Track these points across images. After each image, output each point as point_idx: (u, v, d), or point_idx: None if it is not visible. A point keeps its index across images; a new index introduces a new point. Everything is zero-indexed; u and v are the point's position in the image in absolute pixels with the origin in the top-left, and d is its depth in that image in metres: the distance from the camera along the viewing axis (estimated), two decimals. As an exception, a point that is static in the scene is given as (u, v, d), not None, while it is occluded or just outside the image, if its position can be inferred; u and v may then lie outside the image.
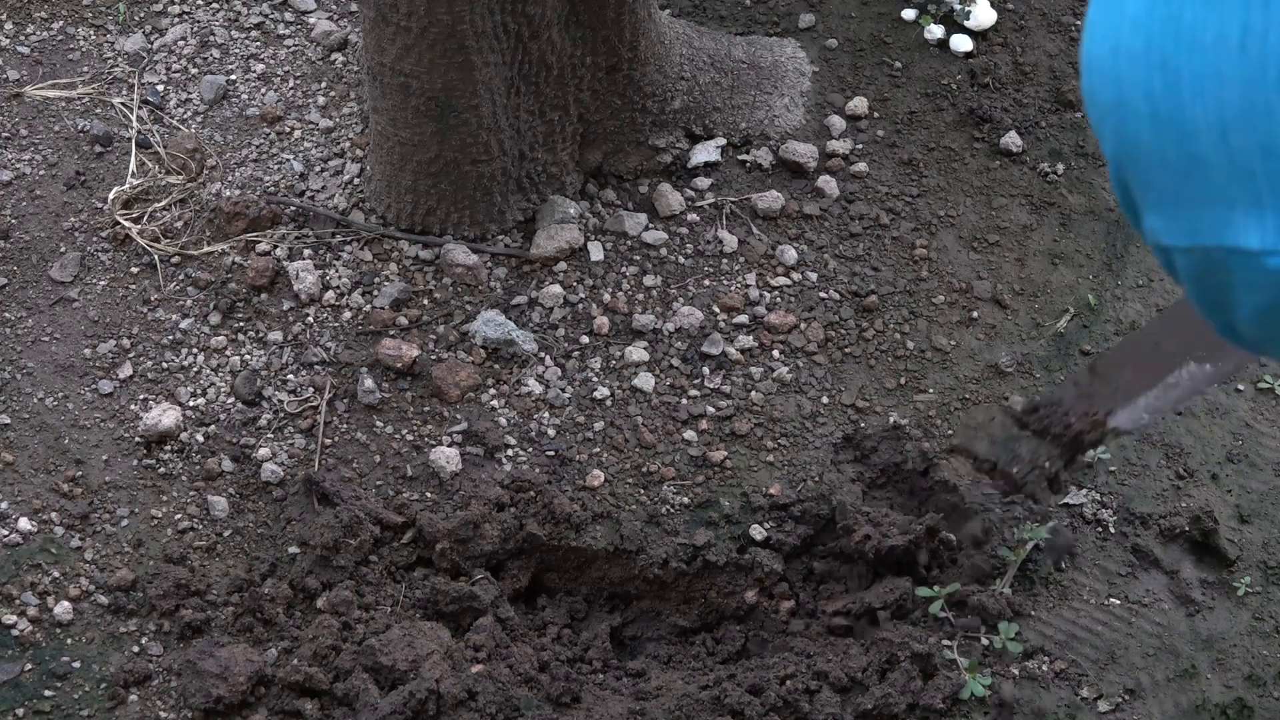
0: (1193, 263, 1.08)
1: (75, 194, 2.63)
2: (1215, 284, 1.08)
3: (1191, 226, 1.06)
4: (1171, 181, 1.06)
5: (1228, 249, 1.05)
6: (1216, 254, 1.06)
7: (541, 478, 2.35)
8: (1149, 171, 1.07)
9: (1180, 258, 1.09)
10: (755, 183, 2.66)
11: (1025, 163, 2.72)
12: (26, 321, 2.50)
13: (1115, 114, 1.08)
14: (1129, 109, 1.06)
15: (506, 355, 2.47)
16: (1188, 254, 1.08)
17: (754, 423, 2.43)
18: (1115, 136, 1.09)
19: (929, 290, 2.58)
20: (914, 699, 2.17)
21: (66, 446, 2.37)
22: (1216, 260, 1.06)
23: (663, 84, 2.62)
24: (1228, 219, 1.04)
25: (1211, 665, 2.25)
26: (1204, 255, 1.07)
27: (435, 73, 2.37)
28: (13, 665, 2.19)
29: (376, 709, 2.13)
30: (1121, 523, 2.36)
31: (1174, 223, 1.07)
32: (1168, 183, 1.06)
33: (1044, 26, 2.86)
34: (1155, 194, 1.08)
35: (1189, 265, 1.09)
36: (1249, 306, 1.07)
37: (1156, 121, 1.05)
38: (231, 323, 2.50)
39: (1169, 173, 1.06)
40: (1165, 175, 1.06)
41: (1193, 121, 1.03)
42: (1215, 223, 1.05)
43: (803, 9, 2.87)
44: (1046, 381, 2.49)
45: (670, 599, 2.37)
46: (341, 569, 2.28)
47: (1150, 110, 1.05)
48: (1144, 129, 1.06)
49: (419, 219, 2.55)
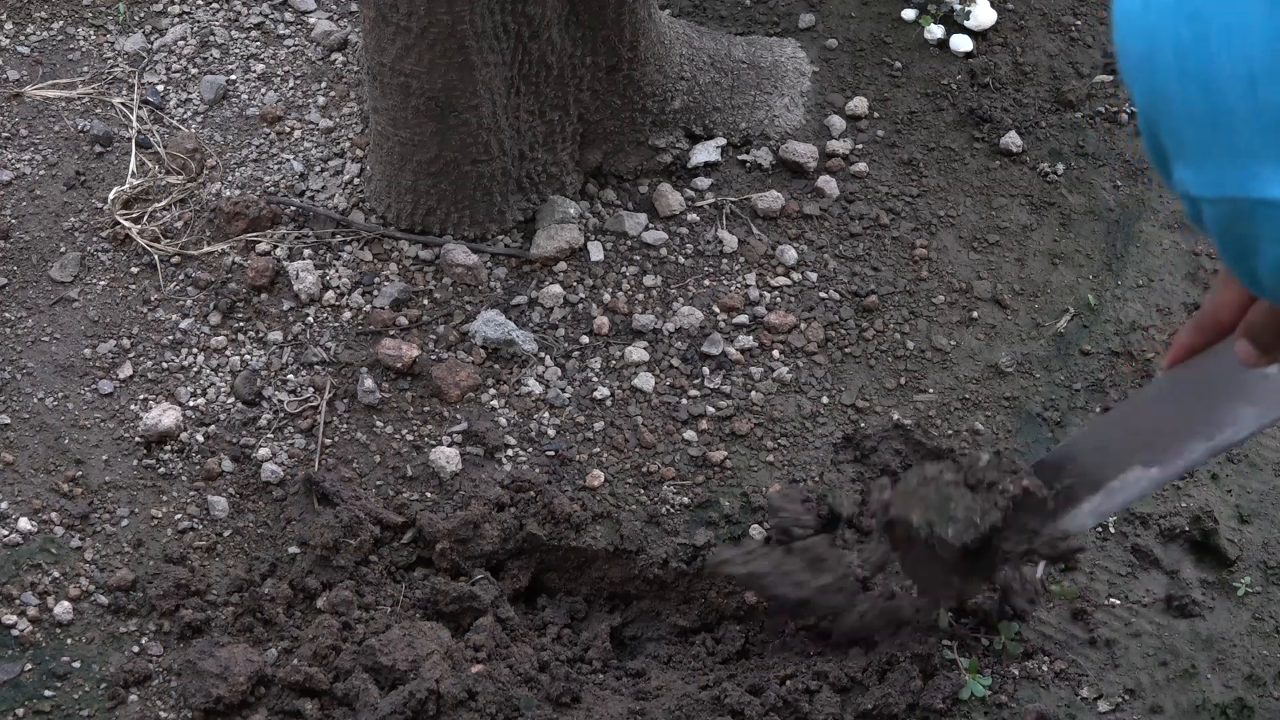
0: (1220, 214, 1.10)
1: (75, 194, 2.63)
2: (1241, 235, 1.10)
3: (1219, 178, 1.08)
4: (1199, 134, 1.08)
5: (1254, 200, 1.07)
6: (1243, 205, 1.07)
7: (541, 478, 2.35)
8: (1177, 124, 1.09)
9: (1208, 209, 1.11)
10: (755, 183, 2.66)
11: (1025, 163, 2.72)
12: (26, 321, 2.50)
13: (1145, 66, 1.09)
14: (1158, 61, 1.08)
15: (506, 355, 2.47)
16: (1215, 205, 1.10)
17: (754, 423, 2.43)
18: (1145, 89, 1.10)
19: (929, 290, 2.58)
20: (914, 699, 2.17)
21: (66, 446, 2.37)
22: (1243, 212, 1.08)
23: (663, 84, 2.62)
24: (1255, 171, 1.06)
25: (1211, 665, 2.25)
26: (1231, 206, 1.09)
27: (435, 73, 2.37)
28: (13, 665, 2.19)
29: (376, 709, 2.13)
30: (1121, 523, 2.36)
31: (1202, 174, 1.09)
32: (1195, 135, 1.08)
33: (1044, 26, 2.86)
34: (1184, 146, 1.10)
35: (1216, 216, 1.11)
36: (1273, 258, 1.09)
37: (1185, 74, 1.06)
38: (231, 323, 2.50)
39: (1197, 125, 1.07)
40: (1193, 128, 1.08)
41: (1220, 74, 1.04)
42: (1242, 175, 1.06)
43: (803, 9, 2.87)
44: (1047, 382, 2.49)
45: (670, 599, 2.37)
46: (341, 569, 2.28)
47: (1179, 63, 1.06)
48: (1172, 82, 1.07)
49: (419, 219, 2.55)
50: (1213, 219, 1.11)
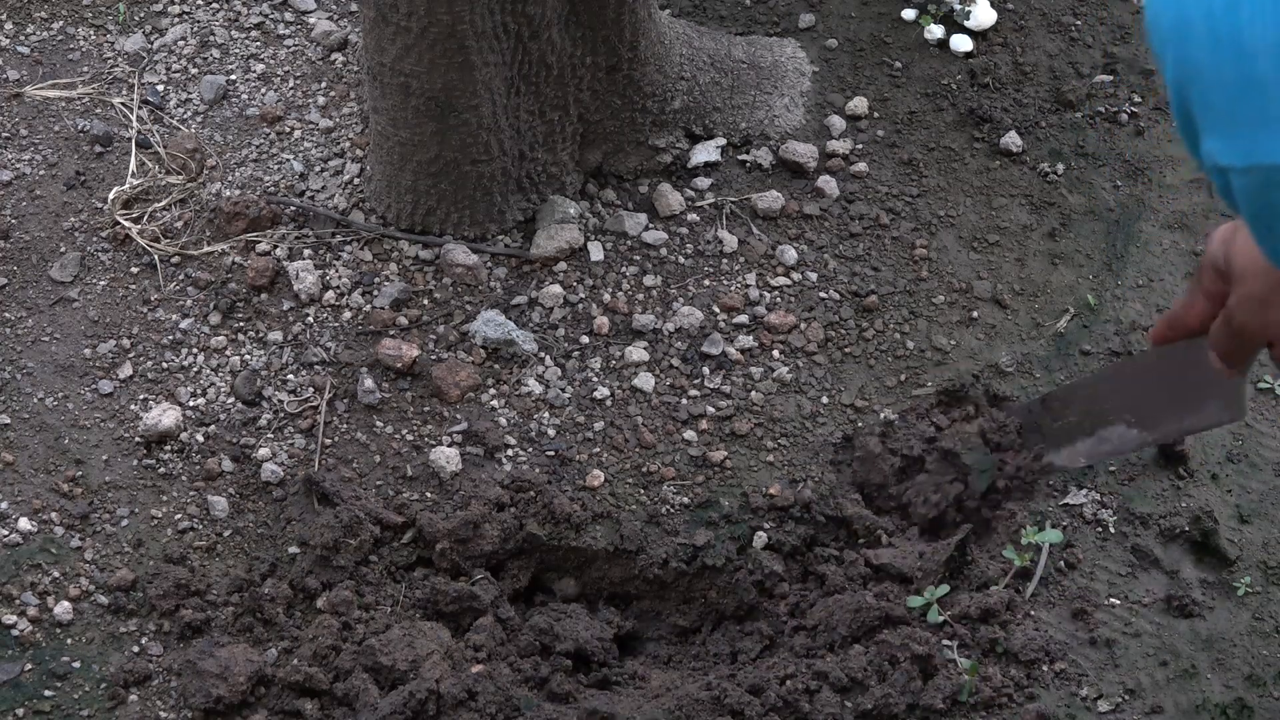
0: (1250, 183, 1.11)
1: (75, 194, 2.63)
2: (1270, 204, 1.12)
3: (1249, 147, 1.09)
4: (1231, 102, 1.09)
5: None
6: (1274, 174, 1.09)
7: (541, 478, 2.35)
8: (1208, 94, 1.11)
9: (1237, 179, 1.12)
10: (755, 183, 2.66)
11: (1025, 163, 2.72)
12: (26, 321, 2.50)
13: (1176, 36, 1.11)
14: (1189, 31, 1.09)
15: (506, 355, 2.47)
16: (1245, 174, 1.11)
17: (754, 423, 2.43)
18: (1176, 60, 1.12)
19: (929, 290, 2.58)
20: (914, 699, 2.17)
21: (66, 446, 2.37)
22: (1274, 180, 1.10)
23: (663, 84, 2.62)
24: None
25: (1211, 665, 2.25)
26: (1261, 175, 1.10)
27: (435, 73, 2.37)
28: (13, 665, 2.19)
29: (376, 709, 2.13)
30: (1121, 523, 2.36)
31: (1232, 143, 1.11)
32: (1227, 103, 1.09)
33: (1044, 26, 2.86)
34: (1215, 115, 1.11)
35: (1245, 186, 1.12)
36: None
37: (1215, 42, 1.08)
38: (231, 323, 2.50)
39: (1228, 93, 1.09)
40: (1224, 96, 1.09)
41: (1251, 42, 1.06)
42: (1272, 143, 1.08)
43: (803, 9, 2.87)
44: (1046, 382, 2.49)
45: (670, 599, 2.37)
46: (341, 569, 2.28)
47: (1209, 31, 1.08)
48: (1204, 51, 1.09)
49: (419, 219, 2.55)
50: (1241, 189, 1.13)
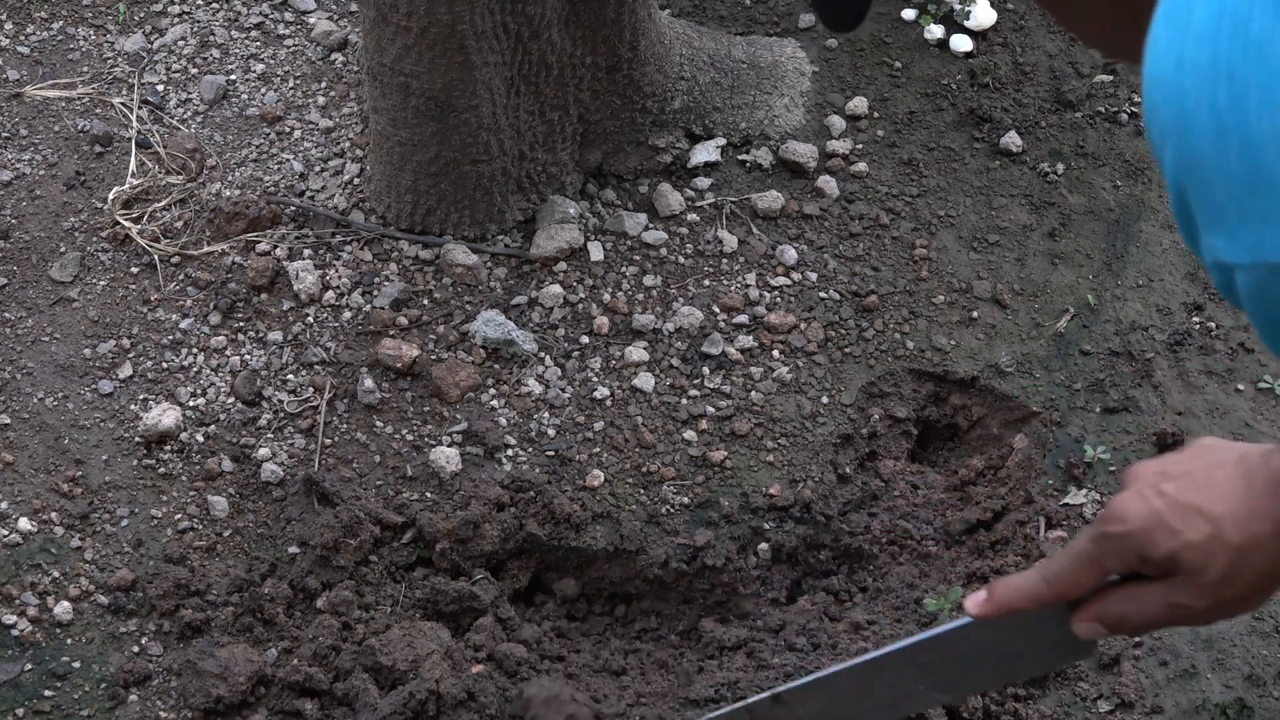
0: (1255, 280, 1.07)
1: (75, 194, 2.63)
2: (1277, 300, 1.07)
3: (1255, 241, 1.05)
4: (1235, 197, 1.05)
5: None
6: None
7: (541, 478, 2.35)
8: (1211, 187, 1.06)
9: (1242, 275, 1.08)
10: (755, 183, 2.66)
11: (1025, 163, 2.72)
12: (26, 321, 2.50)
13: (1177, 129, 1.06)
14: (1192, 123, 1.05)
15: (506, 355, 2.47)
16: (1250, 271, 1.07)
17: (754, 423, 2.43)
18: (1177, 153, 1.07)
19: (929, 290, 2.58)
20: (914, 699, 2.17)
21: (66, 446, 2.37)
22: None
23: (663, 84, 2.62)
24: None
25: (1211, 665, 2.25)
26: (1268, 272, 1.05)
27: (435, 73, 2.37)
28: (13, 665, 2.19)
29: (376, 709, 2.13)
30: (1121, 523, 2.36)
31: (1236, 240, 1.06)
32: (1231, 198, 1.05)
33: (1044, 26, 2.86)
34: (1217, 210, 1.07)
35: (1250, 283, 1.07)
36: None
37: (1221, 134, 1.04)
38: (231, 323, 2.50)
39: (1232, 187, 1.05)
40: (1228, 190, 1.05)
41: (1259, 134, 1.02)
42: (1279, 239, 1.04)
43: (803, 9, 2.87)
44: (1047, 382, 2.49)
45: (670, 599, 2.37)
46: (341, 569, 2.28)
47: (1215, 123, 1.04)
48: (1207, 143, 1.05)
49: (419, 219, 2.55)
50: (1246, 286, 1.08)
